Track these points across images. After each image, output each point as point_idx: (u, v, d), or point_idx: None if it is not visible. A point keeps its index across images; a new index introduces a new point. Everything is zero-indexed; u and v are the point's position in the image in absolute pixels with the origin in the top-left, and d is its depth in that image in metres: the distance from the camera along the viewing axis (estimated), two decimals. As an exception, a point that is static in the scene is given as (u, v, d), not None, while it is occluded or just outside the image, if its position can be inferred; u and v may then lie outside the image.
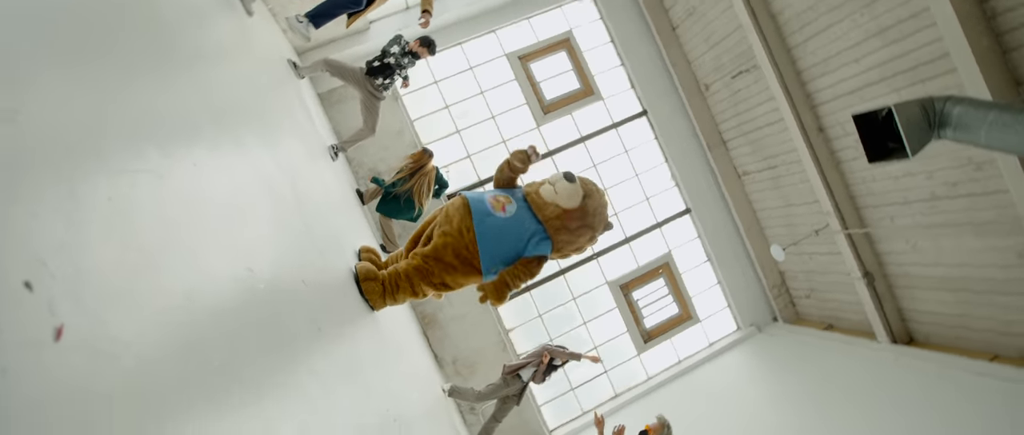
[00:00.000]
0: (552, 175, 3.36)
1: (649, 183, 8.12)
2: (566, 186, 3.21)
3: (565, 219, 3.23)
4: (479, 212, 3.20)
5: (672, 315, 8.08)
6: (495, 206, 3.25)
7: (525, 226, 3.24)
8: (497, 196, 3.35)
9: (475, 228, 3.16)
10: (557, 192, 3.23)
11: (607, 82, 8.09)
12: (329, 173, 4.61)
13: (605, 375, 7.80)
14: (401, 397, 3.15)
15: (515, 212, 3.25)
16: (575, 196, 3.21)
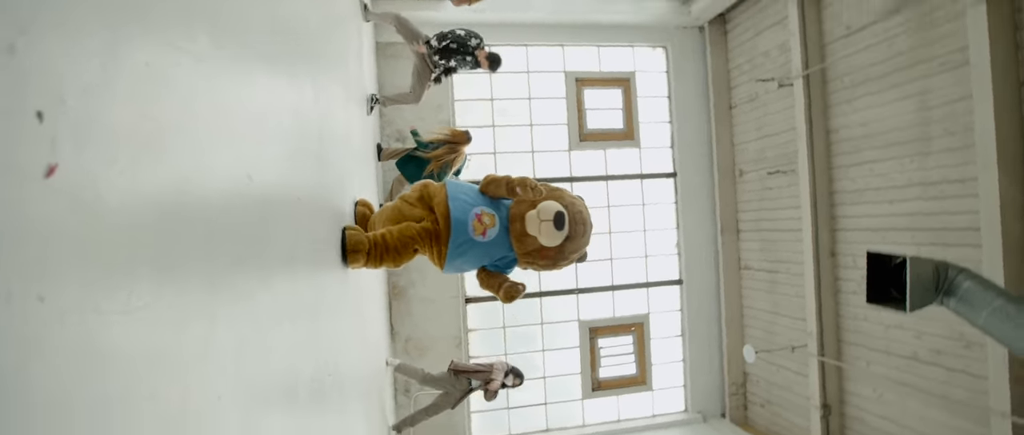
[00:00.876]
0: (546, 206, 3.06)
1: (653, 242, 8.11)
2: (550, 230, 3.02)
3: (540, 254, 3.11)
4: (458, 236, 3.07)
5: (628, 374, 8.05)
6: (477, 229, 3.10)
7: (498, 250, 3.15)
8: (483, 214, 3.14)
9: (449, 249, 3.06)
10: (541, 231, 3.03)
11: (649, 133, 8.10)
12: (358, 120, 4.61)
13: (543, 407, 7.77)
14: (343, 354, 3.14)
15: (494, 237, 3.11)
16: (556, 238, 3.04)
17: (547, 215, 3.01)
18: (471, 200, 3.16)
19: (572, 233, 3.06)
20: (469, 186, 3.30)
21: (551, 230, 2.99)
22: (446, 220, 3.09)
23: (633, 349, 8.06)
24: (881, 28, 5.30)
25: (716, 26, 7.86)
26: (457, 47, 5.28)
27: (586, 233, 3.15)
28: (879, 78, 5.36)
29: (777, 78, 6.56)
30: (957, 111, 4.61)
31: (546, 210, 3.02)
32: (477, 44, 5.30)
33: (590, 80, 7.93)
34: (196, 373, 1.21)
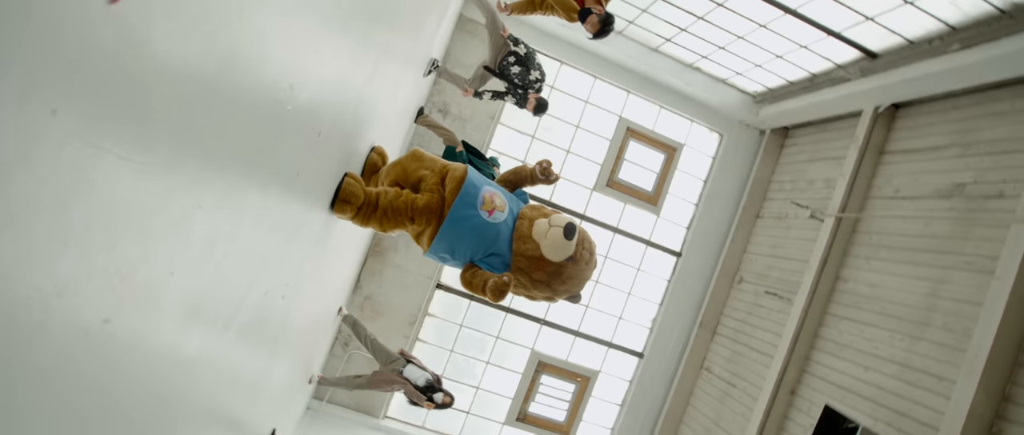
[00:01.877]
0: (560, 215, 2.92)
1: (632, 307, 8.09)
2: (558, 237, 2.78)
3: (534, 265, 2.85)
4: (466, 199, 2.87)
5: (556, 419, 8.02)
6: (486, 204, 2.88)
7: (495, 243, 2.89)
8: (496, 194, 2.96)
9: (449, 212, 2.85)
10: (547, 237, 2.80)
11: (672, 206, 8.09)
12: (410, 78, 4.63)
13: (465, 415, 7.74)
14: (302, 286, 3.14)
15: (498, 223, 2.88)
16: (560, 252, 2.80)
17: (559, 222, 2.83)
18: (487, 181, 3.08)
19: (577, 255, 2.86)
20: (488, 178, 3.22)
21: (559, 237, 2.78)
22: (458, 184, 2.90)
23: (571, 398, 8.02)
24: (926, 205, 5.30)
25: (777, 136, 7.87)
26: (520, 70, 5.28)
27: (590, 263, 2.95)
28: (904, 249, 5.36)
29: (812, 208, 6.56)
30: (963, 312, 4.60)
31: (559, 218, 2.87)
32: (536, 79, 5.31)
33: (640, 134, 7.94)
34: (162, 241, 1.21)
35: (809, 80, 6.84)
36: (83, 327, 1.01)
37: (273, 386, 3.57)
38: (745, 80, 7.51)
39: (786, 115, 7.40)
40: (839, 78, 6.38)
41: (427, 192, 2.96)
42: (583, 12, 3.97)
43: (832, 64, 6.36)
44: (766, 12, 5.81)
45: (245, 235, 1.78)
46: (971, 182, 4.97)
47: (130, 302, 1.17)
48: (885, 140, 6.11)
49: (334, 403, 7.16)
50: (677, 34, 6.92)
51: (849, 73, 6.20)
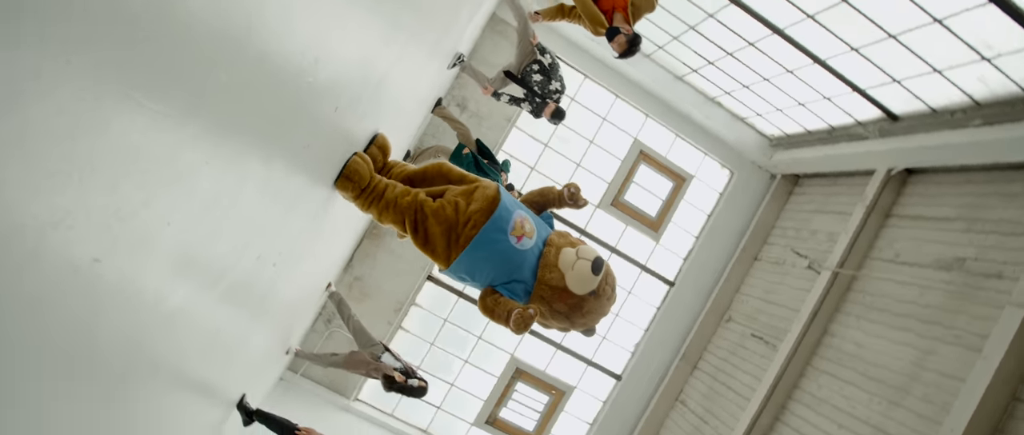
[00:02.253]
0: (587, 247, 2.84)
1: (617, 329, 8.08)
2: (586, 271, 2.71)
3: (556, 296, 2.75)
4: (497, 223, 2.73)
5: (525, 428, 8.00)
6: (516, 229, 2.76)
7: (519, 270, 2.78)
8: (527, 219, 2.84)
9: (478, 234, 2.71)
10: (574, 268, 2.72)
11: (673, 235, 8.09)
12: (434, 67, 4.63)
13: (435, 410, 7.73)
14: (294, 257, 3.14)
15: (526, 250, 2.78)
16: (585, 286, 2.73)
17: (587, 255, 2.75)
18: (517, 204, 2.93)
19: (600, 290, 2.78)
20: (517, 202, 3.02)
21: (586, 270, 2.71)
22: (488, 204, 2.75)
23: (542, 409, 8.01)
24: (924, 274, 5.30)
25: (787, 182, 7.87)
26: (541, 79, 5.29)
27: (610, 299, 2.88)
28: (896, 314, 5.35)
29: (811, 259, 6.55)
30: (945, 386, 4.59)
31: (587, 250, 2.79)
32: (556, 90, 5.32)
33: (652, 159, 7.95)
34: (165, 190, 1.21)
35: (827, 132, 6.84)
36: (73, 263, 1.01)
37: (250, 352, 3.57)
38: (764, 122, 7.52)
39: (799, 163, 7.40)
40: (857, 135, 6.38)
41: (443, 201, 2.80)
42: (611, 31, 3.95)
43: (852, 120, 6.36)
44: (796, 59, 5.82)
45: (247, 198, 1.78)
46: (972, 258, 4.96)
47: (123, 245, 1.17)
48: (893, 203, 6.10)
49: (308, 377, 7.15)
50: (704, 66, 6.92)
51: (868, 131, 6.20)
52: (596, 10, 4.00)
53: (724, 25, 5.92)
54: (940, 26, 4.43)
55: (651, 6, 3.93)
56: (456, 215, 2.74)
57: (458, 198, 2.78)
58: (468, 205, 2.76)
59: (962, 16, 4.26)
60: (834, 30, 5.16)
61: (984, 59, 4.49)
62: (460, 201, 2.78)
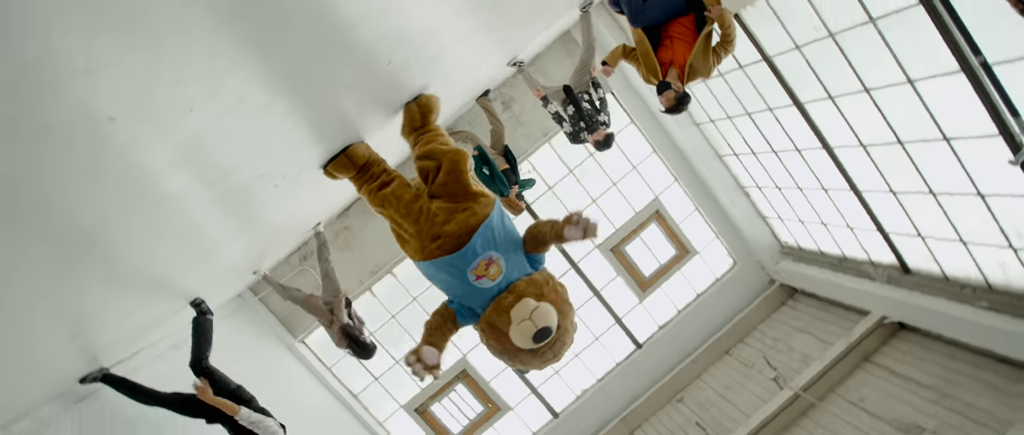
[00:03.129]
0: (545, 311, 2.62)
1: (572, 370, 8.04)
2: (528, 334, 2.57)
3: (495, 336, 2.68)
4: (462, 258, 2.68)
5: (450, 429, 7.99)
6: (478, 270, 2.68)
7: (472, 300, 2.75)
8: (496, 263, 2.71)
9: (438, 259, 2.71)
10: (520, 325, 2.59)
11: (658, 300, 8.09)
12: (495, 60, 4.63)
13: (372, 380, 7.71)
14: (296, 186, 3.14)
15: (483, 288, 2.70)
16: (524, 343, 2.61)
17: (538, 321, 2.59)
18: (499, 241, 2.76)
19: (540, 352, 2.66)
20: (513, 229, 2.88)
21: (527, 335, 2.58)
22: (463, 230, 2.69)
23: (474, 418, 7.98)
24: (880, 428, 5.26)
25: (783, 291, 7.85)
26: (590, 108, 5.28)
27: (548, 362, 2.74)
28: (840, 457, 5.32)
29: (779, 373, 6.53)
30: None
31: (542, 316, 2.60)
32: (603, 122, 5.31)
33: (664, 222, 7.94)
34: (197, 79, 1.21)
35: (838, 259, 6.83)
36: (91, 112, 1.01)
37: (221, 259, 3.56)
38: (783, 227, 7.51)
39: (801, 278, 7.38)
40: (866, 273, 6.36)
41: (427, 205, 2.78)
42: (662, 84, 3.95)
43: (866, 257, 6.35)
44: (834, 179, 5.81)
45: (272, 115, 1.78)
46: (931, 430, 4.93)
47: (142, 114, 1.17)
48: (876, 350, 6.08)
49: (264, 304, 7.13)
50: (746, 154, 6.93)
51: (877, 273, 6.19)
52: (654, 59, 3.99)
53: (779, 122, 5.92)
54: (981, 200, 4.42)
55: (707, 72, 3.91)
56: (428, 226, 2.72)
57: (441, 211, 2.74)
58: (445, 223, 2.71)
59: (1006, 200, 4.26)
60: (881, 166, 5.16)
61: (1011, 247, 4.48)
62: (440, 215, 2.73)
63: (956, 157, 4.37)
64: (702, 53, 3.79)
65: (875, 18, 4.10)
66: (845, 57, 4.58)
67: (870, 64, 4.46)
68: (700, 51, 3.80)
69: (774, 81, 5.47)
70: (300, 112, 1.96)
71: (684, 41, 3.90)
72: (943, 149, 4.42)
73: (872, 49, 4.29)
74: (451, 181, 2.78)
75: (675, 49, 3.93)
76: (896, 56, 4.18)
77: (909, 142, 4.68)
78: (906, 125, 4.61)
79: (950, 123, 4.25)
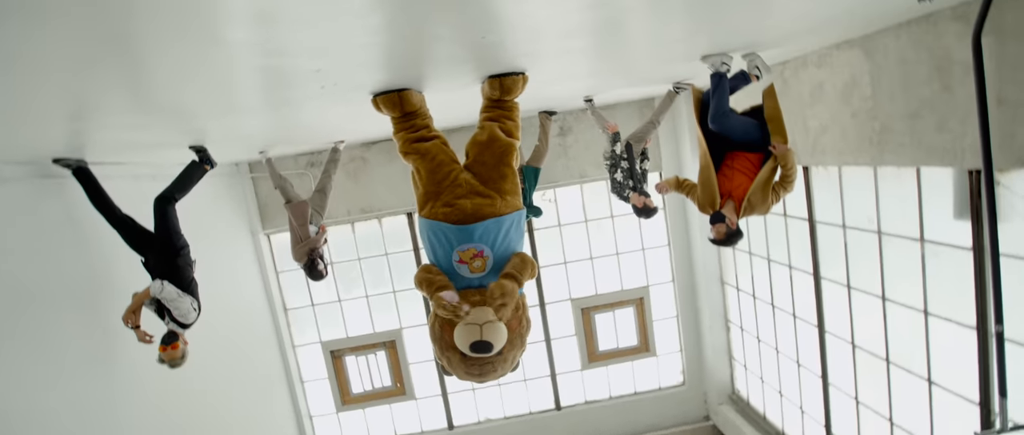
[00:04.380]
0: (495, 327, 2.54)
1: (487, 393, 7.99)
2: (467, 339, 2.51)
3: (445, 329, 2.64)
4: (456, 233, 2.69)
5: (351, 386, 7.94)
6: (463, 257, 2.69)
7: (451, 278, 2.72)
8: (481, 260, 2.71)
9: (438, 221, 2.71)
10: (465, 327, 2.53)
11: (597, 377, 8.10)
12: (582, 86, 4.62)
13: (312, 308, 7.66)
14: (340, 98, 3.14)
15: (462, 274, 2.71)
16: (461, 345, 2.54)
17: (487, 335, 2.52)
18: (496, 244, 2.75)
19: (468, 361, 2.60)
20: (513, 246, 2.84)
21: (467, 338, 2.52)
22: (471, 214, 2.70)
23: (376, 387, 7.94)
24: None
25: (711, 432, 7.82)
26: (642, 172, 5.32)
27: (471, 375, 2.65)
28: None
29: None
30: None
31: (491, 332, 2.53)
32: (641, 189, 5.32)
33: (642, 312, 7.92)
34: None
35: (776, 433, 6.79)
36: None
37: (239, 124, 3.54)
38: (743, 374, 7.49)
39: (733, 430, 7.33)
40: (794, 458, 6.31)
41: (453, 168, 2.80)
42: (716, 215, 3.90)
43: (802, 444, 6.30)
44: (812, 361, 5.79)
45: (363, 24, 1.77)
46: None
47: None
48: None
49: (253, 184, 7.10)
50: (746, 293, 6.91)
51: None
52: (715, 187, 3.88)
53: (791, 282, 5.91)
54: (932, 453, 4.39)
55: (765, 209, 3.85)
56: (448, 192, 2.74)
57: (466, 185, 2.77)
58: (462, 197, 2.74)
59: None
60: (859, 372, 5.14)
61: (936, 510, 4.44)
62: (462, 188, 2.76)
63: (929, 402, 4.34)
64: (762, 188, 3.73)
65: (925, 240, 4.09)
66: (880, 259, 4.57)
67: (899, 276, 4.45)
68: (760, 186, 3.72)
69: (807, 244, 5.47)
70: (386, 36, 1.96)
71: (745, 174, 3.84)
72: (922, 389, 4.40)
73: (909, 265, 4.28)
74: (491, 164, 2.82)
75: (734, 181, 3.86)
76: (926, 283, 4.17)
77: (895, 365, 4.66)
78: (902, 349, 4.59)
79: (940, 370, 4.23)
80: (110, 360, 4.26)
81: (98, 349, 4.15)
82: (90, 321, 4.09)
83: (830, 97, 4.52)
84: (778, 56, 4.50)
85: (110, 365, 4.27)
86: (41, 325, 3.70)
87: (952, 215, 3.86)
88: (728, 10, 2.44)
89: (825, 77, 4.53)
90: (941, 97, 3.51)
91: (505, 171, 2.83)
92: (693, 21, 2.59)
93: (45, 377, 3.68)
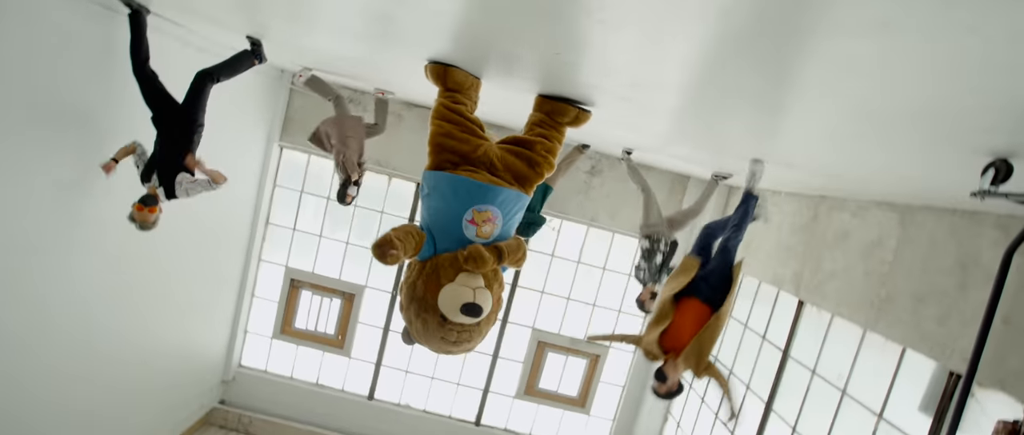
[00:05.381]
0: (485, 292, 2.45)
1: (418, 382, 7.95)
2: (457, 301, 2.38)
3: (429, 281, 2.48)
4: (472, 191, 2.58)
5: (299, 321, 7.90)
6: (475, 217, 2.57)
7: (446, 234, 2.57)
8: (492, 224, 2.62)
9: (453, 174, 2.62)
10: (456, 287, 2.40)
11: (527, 411, 8.03)
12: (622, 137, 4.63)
13: (291, 230, 7.65)
14: (400, 52, 3.14)
15: (467, 233, 2.58)
16: (445, 307, 2.40)
17: (479, 299, 2.41)
18: (507, 216, 2.68)
19: (447, 326, 2.44)
20: (513, 226, 2.78)
21: (458, 300, 2.38)
22: (488, 177, 2.65)
23: (315, 330, 7.91)
24: None
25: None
26: (663, 259, 5.38)
27: (446, 340, 2.47)
28: None
29: None
30: None
31: (482, 296, 2.42)
32: (645, 281, 5.42)
33: (593, 370, 7.89)
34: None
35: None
36: None
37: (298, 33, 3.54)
38: (661, 469, 7.44)
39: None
40: None
41: (469, 124, 2.81)
42: (659, 371, 3.67)
43: None
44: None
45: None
46: None
47: None
48: None
49: (286, 94, 7.07)
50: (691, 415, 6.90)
51: None
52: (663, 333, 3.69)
53: (742, 403, 5.89)
54: None
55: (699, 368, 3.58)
56: (475, 156, 2.70)
57: (494, 155, 2.72)
58: (490, 163, 2.71)
59: None
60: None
61: None
62: (492, 157, 2.71)
63: None
64: (698, 354, 3.58)
65: (884, 418, 4.08)
66: (834, 417, 4.55)
67: (847, 440, 4.44)
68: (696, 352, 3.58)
69: (772, 373, 5.45)
70: (467, 14, 1.97)
71: (693, 326, 3.67)
72: None
73: (861, 432, 4.27)
74: (524, 167, 2.79)
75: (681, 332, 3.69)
76: (869, 458, 4.15)
77: (808, 522, 4.62)
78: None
79: None
80: (81, 194, 4.26)
81: (73, 180, 4.16)
82: (75, 148, 4.09)
83: (852, 248, 4.53)
84: (819, 189, 4.51)
85: (80, 199, 4.27)
86: (29, 138, 3.71)
87: (917, 405, 3.85)
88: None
89: (855, 227, 4.54)
90: (955, 292, 3.52)
91: (534, 170, 2.84)
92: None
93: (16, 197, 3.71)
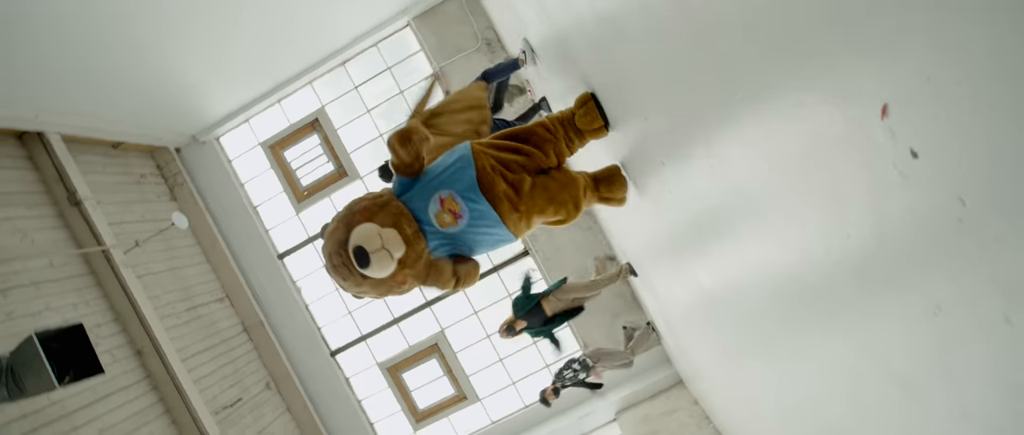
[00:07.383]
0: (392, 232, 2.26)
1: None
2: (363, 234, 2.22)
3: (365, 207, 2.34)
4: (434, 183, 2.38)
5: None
6: (444, 208, 2.34)
7: (422, 195, 2.39)
8: (454, 215, 2.35)
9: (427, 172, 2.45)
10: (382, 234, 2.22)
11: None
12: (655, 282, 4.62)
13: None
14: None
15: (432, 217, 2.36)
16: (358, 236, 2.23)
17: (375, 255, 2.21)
18: (484, 228, 2.40)
19: (341, 250, 2.28)
20: (484, 240, 2.49)
21: (360, 239, 2.22)
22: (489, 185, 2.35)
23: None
24: None
25: None
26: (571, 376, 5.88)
27: (328, 260, 2.35)
28: None
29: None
30: None
31: (381, 257, 2.23)
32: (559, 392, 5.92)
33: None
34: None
35: None
36: None
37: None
38: None
39: None
40: None
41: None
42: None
43: None
44: None
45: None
46: None
47: None
48: None
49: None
50: None
51: None
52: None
53: None
54: None
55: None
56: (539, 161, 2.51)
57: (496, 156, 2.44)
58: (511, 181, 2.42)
59: None
60: None
61: None
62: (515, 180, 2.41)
63: None
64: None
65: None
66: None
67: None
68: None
69: None
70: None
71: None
72: None
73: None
74: (549, 207, 2.48)
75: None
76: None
77: None
78: None
79: None
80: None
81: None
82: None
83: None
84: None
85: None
86: None
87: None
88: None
89: None
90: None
91: (549, 206, 2.50)
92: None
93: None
